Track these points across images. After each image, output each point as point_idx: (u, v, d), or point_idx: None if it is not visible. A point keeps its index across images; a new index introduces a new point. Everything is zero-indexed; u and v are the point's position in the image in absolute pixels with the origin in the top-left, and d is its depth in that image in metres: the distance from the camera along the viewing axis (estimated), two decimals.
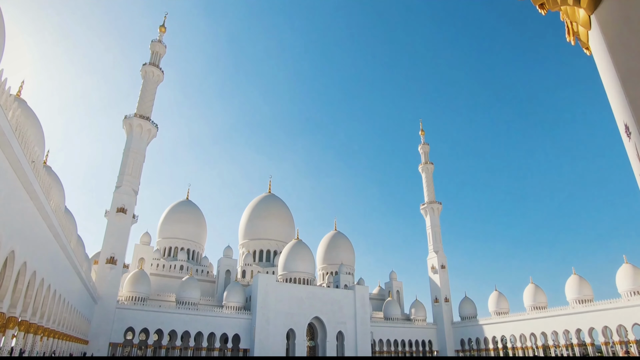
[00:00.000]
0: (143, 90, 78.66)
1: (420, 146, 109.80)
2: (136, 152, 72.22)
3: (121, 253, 65.58)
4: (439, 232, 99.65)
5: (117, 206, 67.19)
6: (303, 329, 74.30)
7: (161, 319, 65.14)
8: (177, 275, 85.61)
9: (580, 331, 65.55)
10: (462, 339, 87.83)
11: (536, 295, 78.55)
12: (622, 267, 63.22)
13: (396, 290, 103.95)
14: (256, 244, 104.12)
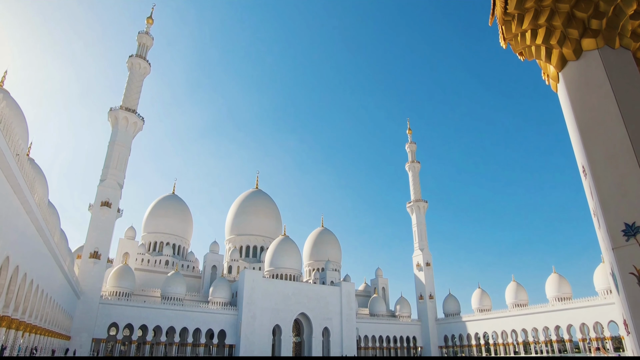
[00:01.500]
0: (129, 83, 76.95)
1: (408, 145, 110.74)
2: (121, 146, 70.73)
3: (105, 247, 64.31)
4: (424, 230, 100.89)
5: (101, 200, 65.76)
6: (289, 325, 74.37)
7: (146, 314, 64.20)
8: (162, 270, 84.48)
9: (559, 328, 67.51)
10: (445, 335, 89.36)
11: (518, 293, 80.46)
12: (599, 267, 65.26)
13: (382, 287, 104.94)
14: (243, 239, 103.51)
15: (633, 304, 2.86)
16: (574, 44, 3.51)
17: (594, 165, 3.25)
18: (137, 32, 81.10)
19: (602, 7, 3.43)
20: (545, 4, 3.60)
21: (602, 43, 3.42)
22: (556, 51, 3.65)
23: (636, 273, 2.84)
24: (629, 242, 2.91)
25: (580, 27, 3.50)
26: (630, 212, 2.93)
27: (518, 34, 4.00)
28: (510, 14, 3.91)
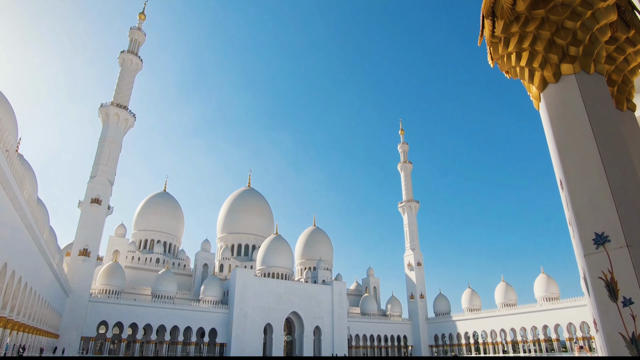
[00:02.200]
0: (120, 79, 76.26)
1: (400, 145, 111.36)
2: (112, 142, 70.11)
3: (95, 245, 63.77)
4: (415, 230, 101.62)
5: (91, 197, 65.14)
6: (280, 324, 74.44)
7: (136, 312, 63.76)
8: (153, 268, 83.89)
9: (547, 327, 68.64)
10: (435, 334, 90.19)
11: (507, 292, 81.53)
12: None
13: (373, 286, 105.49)
14: (234, 238, 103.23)
15: (601, 305, 3.17)
16: (554, 68, 3.82)
17: (569, 180, 3.59)
18: (128, 28, 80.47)
19: (579, 35, 3.76)
20: (529, 30, 3.92)
21: (578, 68, 3.74)
22: (538, 73, 3.96)
23: (604, 278, 3.14)
24: (598, 250, 3.22)
25: (559, 52, 3.81)
26: (600, 223, 3.25)
27: (504, 55, 4.29)
28: (497, 36, 4.20)
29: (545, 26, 3.83)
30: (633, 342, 2.86)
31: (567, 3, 3.74)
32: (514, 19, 3.98)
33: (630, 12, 4.06)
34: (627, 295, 2.97)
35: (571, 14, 3.76)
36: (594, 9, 3.74)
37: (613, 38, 4.10)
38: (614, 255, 3.10)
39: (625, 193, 3.24)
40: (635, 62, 4.34)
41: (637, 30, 4.11)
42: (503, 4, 3.97)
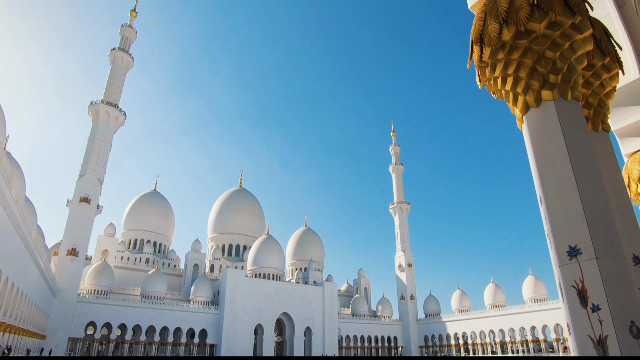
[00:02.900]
0: (111, 76, 75.52)
1: (392, 147, 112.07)
2: (102, 140, 69.39)
3: (83, 244, 63.03)
4: (406, 232, 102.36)
5: (80, 195, 64.38)
6: (271, 325, 74.37)
7: (125, 313, 63.15)
8: (142, 268, 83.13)
9: (535, 328, 69.77)
10: (425, 335, 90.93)
11: (496, 294, 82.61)
12: None
13: (364, 287, 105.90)
14: (225, 238, 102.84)
15: (573, 311, 3.51)
16: (535, 93, 4.15)
17: (547, 197, 3.92)
18: (119, 25, 79.72)
19: (558, 64, 4.08)
20: (513, 58, 4.23)
21: (557, 95, 4.06)
22: (521, 98, 4.29)
23: (576, 286, 3.48)
24: (571, 261, 3.57)
25: (540, 79, 4.13)
26: (573, 237, 3.60)
27: (491, 78, 4.62)
28: (485, 61, 4.53)
29: (528, 55, 4.13)
30: (600, 343, 3.19)
31: (548, 35, 4.05)
32: (500, 46, 4.28)
33: (606, 41, 4.39)
34: (596, 302, 3.31)
35: (551, 44, 4.07)
36: (572, 41, 4.06)
37: (590, 64, 4.43)
38: (584, 266, 3.43)
39: (595, 210, 3.59)
40: (610, 86, 4.67)
41: (612, 57, 4.47)
42: (490, 32, 4.27)
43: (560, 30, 4.03)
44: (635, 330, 3.14)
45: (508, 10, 4.11)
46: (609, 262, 3.37)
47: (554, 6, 3.92)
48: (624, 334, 3.14)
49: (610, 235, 3.52)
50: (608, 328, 3.20)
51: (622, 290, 3.32)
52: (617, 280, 3.33)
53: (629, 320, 3.19)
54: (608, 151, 4.65)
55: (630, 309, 3.27)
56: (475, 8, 4.80)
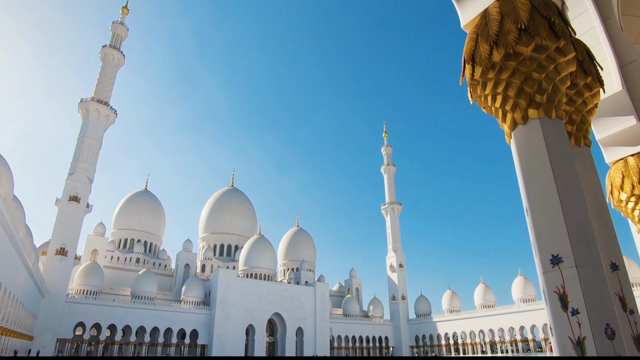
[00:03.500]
0: (102, 74, 74.75)
1: (383, 148, 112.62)
2: (92, 138, 68.66)
3: (72, 244, 62.22)
4: (398, 232, 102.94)
5: (69, 194, 63.59)
6: (263, 325, 74.26)
7: (115, 313, 62.52)
8: (132, 268, 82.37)
9: (524, 328, 70.74)
10: (416, 335, 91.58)
11: (486, 294, 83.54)
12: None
13: (355, 287, 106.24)
14: (217, 238, 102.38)
15: (554, 314, 3.83)
16: (522, 111, 4.43)
17: (532, 208, 4.18)
18: (111, 22, 78.98)
19: (544, 85, 4.36)
20: (503, 78, 4.50)
21: (542, 114, 4.33)
22: (509, 115, 4.57)
23: (557, 292, 3.76)
24: (554, 268, 3.84)
25: (527, 99, 4.40)
26: (556, 246, 3.87)
27: (482, 95, 4.88)
28: (476, 79, 4.79)
29: (516, 75, 4.41)
30: (578, 344, 3.50)
31: (534, 57, 4.32)
32: (490, 66, 4.55)
33: (588, 61, 4.67)
34: (575, 307, 3.61)
35: (537, 66, 4.34)
36: (556, 63, 4.33)
37: (574, 84, 4.74)
38: (565, 273, 3.72)
39: (576, 221, 3.86)
40: (592, 103, 4.98)
41: (593, 77, 4.76)
42: (481, 53, 4.54)
43: (545, 54, 4.30)
44: (610, 332, 3.46)
45: (498, 33, 4.37)
46: (588, 270, 3.67)
47: (540, 31, 4.19)
48: (600, 335, 3.45)
49: (589, 245, 3.79)
50: (586, 330, 3.50)
51: (599, 296, 3.62)
52: (595, 287, 3.63)
53: (604, 323, 3.50)
54: (589, 165, 4.93)
55: (605, 313, 3.58)
56: (467, 27, 5.05)
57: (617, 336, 3.48)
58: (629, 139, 7.17)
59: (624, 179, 7.29)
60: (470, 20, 4.92)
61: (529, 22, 4.21)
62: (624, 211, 7.72)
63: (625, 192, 7.35)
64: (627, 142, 7.28)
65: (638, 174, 7.09)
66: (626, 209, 7.62)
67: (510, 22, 4.28)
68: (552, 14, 4.25)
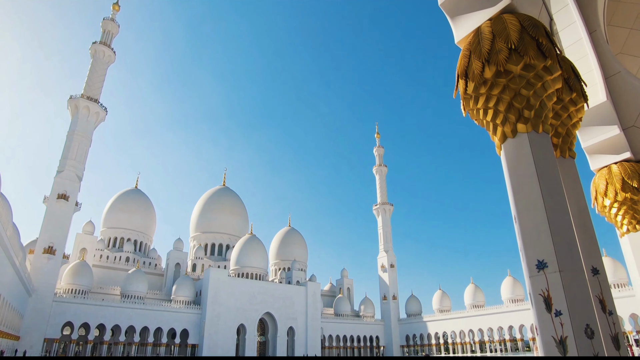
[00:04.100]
0: (92, 71, 73.87)
1: (375, 149, 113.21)
2: (81, 136, 67.87)
3: (61, 242, 61.41)
4: (389, 233, 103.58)
5: (58, 192, 62.77)
6: (254, 325, 74.16)
7: (104, 313, 61.87)
8: (122, 267, 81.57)
9: (512, 328, 71.86)
10: (407, 334, 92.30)
11: (475, 294, 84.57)
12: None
13: (347, 287, 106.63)
14: (208, 237, 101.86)
15: (539, 315, 4.16)
16: (512, 126, 4.71)
17: (520, 216, 4.48)
18: (101, 18, 78.08)
19: (532, 101, 4.63)
20: (494, 93, 4.77)
21: (530, 128, 4.61)
22: (500, 128, 4.85)
23: (542, 294, 4.06)
24: (539, 273, 4.13)
25: (516, 114, 4.68)
26: (541, 252, 4.16)
27: (474, 109, 5.15)
28: (469, 94, 5.05)
29: (506, 92, 4.68)
30: (561, 343, 3.80)
31: (523, 75, 4.59)
32: (482, 82, 4.81)
33: (574, 78, 4.96)
34: (558, 308, 3.90)
35: (526, 84, 4.61)
36: (544, 81, 4.60)
37: (559, 99, 5.05)
38: (550, 277, 4.01)
39: (559, 229, 4.14)
40: (577, 117, 5.32)
41: (578, 93, 5.07)
42: (474, 69, 4.80)
43: (533, 72, 4.56)
44: (590, 332, 3.75)
45: (490, 51, 4.61)
46: (570, 274, 3.94)
47: (528, 51, 4.45)
48: (581, 335, 3.75)
49: (572, 252, 4.07)
50: (568, 330, 3.79)
51: (580, 299, 3.91)
52: (576, 290, 3.91)
53: (584, 324, 3.80)
54: (573, 176, 5.23)
55: (585, 315, 3.88)
56: (461, 43, 5.28)
57: (596, 336, 3.74)
58: (612, 147, 7.54)
59: (608, 186, 7.66)
60: (464, 37, 5.15)
61: (518, 42, 4.45)
62: (608, 216, 8.08)
63: (609, 198, 7.72)
64: (611, 151, 7.65)
65: (621, 181, 7.46)
66: (610, 214, 7.99)
67: (501, 42, 4.51)
68: (540, 35, 4.52)
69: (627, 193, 7.46)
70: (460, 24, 5.09)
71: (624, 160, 7.84)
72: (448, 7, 5.15)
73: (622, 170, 7.60)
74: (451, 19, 5.25)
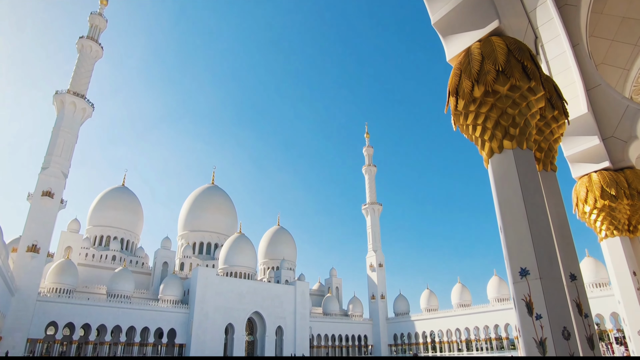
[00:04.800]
0: (78, 66, 72.68)
1: (365, 148, 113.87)
2: (67, 132, 66.77)
3: (45, 240, 60.32)
4: (378, 232, 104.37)
5: (42, 189, 61.65)
6: (242, 324, 73.99)
7: (89, 312, 60.99)
8: (108, 266, 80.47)
9: (498, 327, 73.20)
10: (395, 333, 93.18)
11: (462, 294, 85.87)
12: None
13: (335, 286, 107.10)
14: (196, 235, 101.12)
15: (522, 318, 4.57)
16: (499, 142, 5.04)
17: (505, 227, 4.80)
18: (89, 12, 76.86)
19: (517, 119, 4.97)
20: (482, 111, 5.10)
21: (515, 145, 4.94)
22: (487, 144, 5.18)
23: (525, 299, 4.45)
24: (522, 279, 4.51)
25: (503, 131, 5.01)
26: (523, 261, 4.51)
27: (464, 125, 5.47)
28: (459, 110, 5.37)
29: (493, 110, 5.01)
30: (541, 344, 4.18)
31: (509, 95, 4.93)
32: (471, 100, 5.13)
33: (556, 97, 5.30)
34: (538, 312, 4.27)
35: (512, 103, 4.95)
36: (528, 101, 4.95)
37: (543, 116, 5.42)
38: (531, 284, 4.37)
39: (540, 240, 4.48)
40: (558, 133, 5.71)
41: (559, 110, 5.46)
42: (464, 88, 5.12)
43: (519, 93, 4.89)
44: (566, 333, 4.14)
45: (479, 72, 4.93)
46: (549, 281, 4.30)
47: (514, 73, 4.78)
48: (558, 336, 4.11)
49: (551, 260, 4.41)
50: (547, 332, 4.15)
51: (558, 304, 4.27)
52: (554, 296, 4.27)
53: (562, 326, 4.16)
54: (554, 188, 5.58)
55: (562, 318, 4.26)
56: (452, 62, 5.58)
57: (572, 337, 4.13)
58: (593, 156, 7.99)
59: (588, 193, 8.13)
60: (455, 55, 5.44)
61: (505, 65, 4.76)
62: (588, 222, 8.55)
63: (589, 205, 8.18)
64: (592, 160, 8.10)
65: (600, 189, 7.92)
66: (589, 220, 8.45)
67: (490, 64, 4.81)
68: (525, 58, 4.84)
69: (605, 200, 7.97)
70: (452, 43, 5.37)
71: (604, 169, 8.33)
72: (441, 27, 5.44)
73: (602, 179, 8.09)
74: (443, 38, 5.50)
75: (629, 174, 8.20)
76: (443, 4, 5.30)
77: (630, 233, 8.30)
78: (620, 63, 9.61)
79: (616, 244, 8.07)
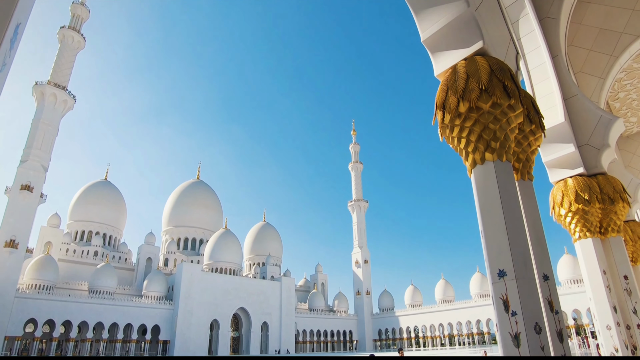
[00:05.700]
0: (59, 57, 70.85)
1: (351, 145, 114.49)
2: (47, 124, 65.20)
3: (24, 235, 58.93)
4: (364, 229, 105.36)
5: (21, 183, 60.13)
6: (227, 320, 73.86)
7: (70, 309, 59.92)
8: (90, 262, 79.00)
9: (480, 322, 75.05)
10: (380, 329, 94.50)
11: (446, 290, 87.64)
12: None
13: (321, 282, 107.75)
14: (181, 231, 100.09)
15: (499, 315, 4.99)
16: (481, 154, 5.50)
17: (485, 232, 5.27)
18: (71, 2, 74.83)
19: (497, 134, 5.48)
20: (467, 125, 5.59)
21: (495, 158, 5.42)
22: (471, 156, 5.64)
23: (502, 298, 4.94)
24: (500, 280, 4.99)
25: (485, 144, 5.49)
26: (501, 263, 5.03)
27: (450, 137, 5.95)
28: (446, 124, 5.84)
29: (477, 125, 5.49)
30: (515, 338, 4.70)
31: (491, 112, 5.43)
32: (457, 115, 5.60)
33: (534, 112, 5.75)
34: (514, 309, 4.79)
35: (493, 119, 5.45)
36: (508, 117, 5.47)
37: (521, 130, 5.96)
38: (508, 284, 4.87)
39: (517, 244, 5.00)
40: (535, 145, 6.22)
41: (536, 124, 5.92)
42: (450, 103, 5.60)
43: (500, 109, 5.40)
44: (538, 328, 4.66)
45: (464, 89, 5.43)
46: (524, 282, 4.81)
47: (495, 91, 5.30)
48: (531, 331, 4.63)
49: (526, 263, 4.93)
50: (521, 327, 4.67)
51: (531, 302, 4.80)
52: (528, 295, 4.78)
53: (534, 322, 4.67)
54: (530, 197, 6.09)
55: (535, 314, 4.77)
56: (440, 77, 6.04)
57: (542, 332, 4.65)
58: (569, 162, 8.56)
59: (564, 197, 8.71)
60: (443, 71, 5.92)
61: (488, 84, 5.26)
62: (563, 224, 9.13)
63: (564, 208, 8.76)
64: (567, 166, 8.69)
65: (574, 194, 8.52)
66: (565, 222, 9.03)
67: (474, 82, 5.32)
68: (506, 78, 5.36)
69: (579, 204, 8.61)
70: (440, 59, 5.85)
71: (578, 175, 8.95)
72: (429, 44, 5.92)
73: (576, 184, 8.71)
74: (432, 54, 6.01)
75: (601, 180, 8.85)
76: (432, 22, 5.73)
77: (601, 235, 8.99)
78: (597, 72, 10.19)
79: (588, 245, 8.69)
